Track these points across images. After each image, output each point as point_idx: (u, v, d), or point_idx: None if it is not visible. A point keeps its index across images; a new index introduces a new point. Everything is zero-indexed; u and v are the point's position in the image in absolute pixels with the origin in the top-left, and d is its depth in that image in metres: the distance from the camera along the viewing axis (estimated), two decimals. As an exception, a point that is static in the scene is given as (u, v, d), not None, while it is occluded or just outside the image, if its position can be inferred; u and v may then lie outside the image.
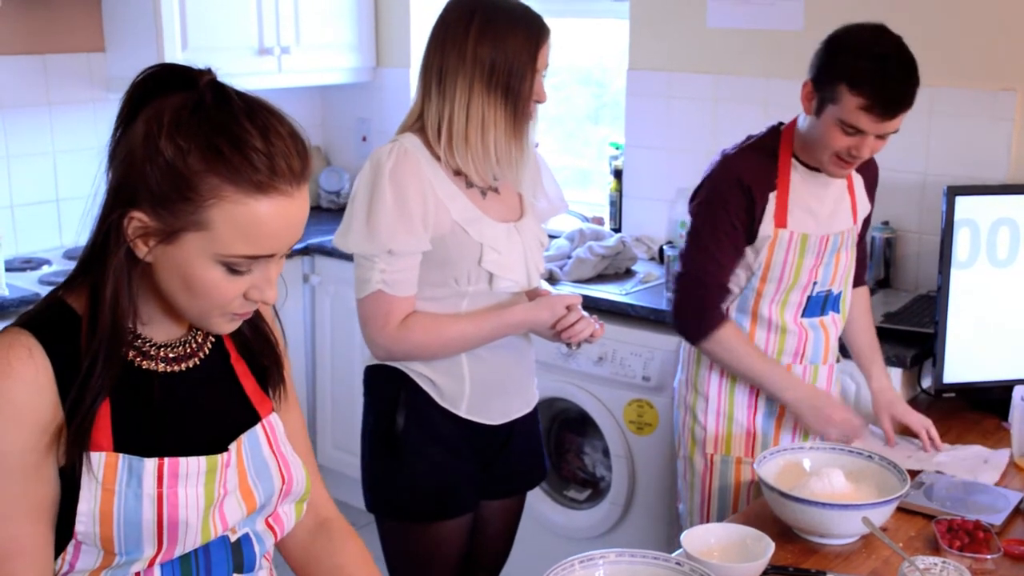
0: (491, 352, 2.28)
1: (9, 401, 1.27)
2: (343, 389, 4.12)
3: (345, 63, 4.41)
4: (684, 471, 2.58)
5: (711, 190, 2.40)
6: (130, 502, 1.31)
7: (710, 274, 2.39)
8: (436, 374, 2.26)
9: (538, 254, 2.35)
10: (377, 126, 4.60)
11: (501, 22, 2.16)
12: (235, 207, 1.25)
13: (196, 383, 1.43)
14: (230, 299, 1.32)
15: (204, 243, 1.27)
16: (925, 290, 3.23)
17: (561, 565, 1.70)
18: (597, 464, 3.49)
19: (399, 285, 2.17)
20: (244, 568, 1.44)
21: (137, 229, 1.28)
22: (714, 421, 2.50)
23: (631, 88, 3.85)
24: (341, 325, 4.03)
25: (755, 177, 2.36)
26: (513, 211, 2.31)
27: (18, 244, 3.82)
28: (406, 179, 2.13)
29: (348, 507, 4.07)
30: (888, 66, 2.19)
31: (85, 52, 3.94)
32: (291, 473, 1.48)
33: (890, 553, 1.97)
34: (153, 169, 1.25)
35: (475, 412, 2.29)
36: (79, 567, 1.34)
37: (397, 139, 2.20)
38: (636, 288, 3.41)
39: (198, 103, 1.26)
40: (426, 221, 2.15)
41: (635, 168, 3.88)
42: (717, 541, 1.91)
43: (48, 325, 1.33)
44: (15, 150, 3.81)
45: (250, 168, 1.24)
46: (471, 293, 2.24)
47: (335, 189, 4.61)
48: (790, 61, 3.45)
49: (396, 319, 2.19)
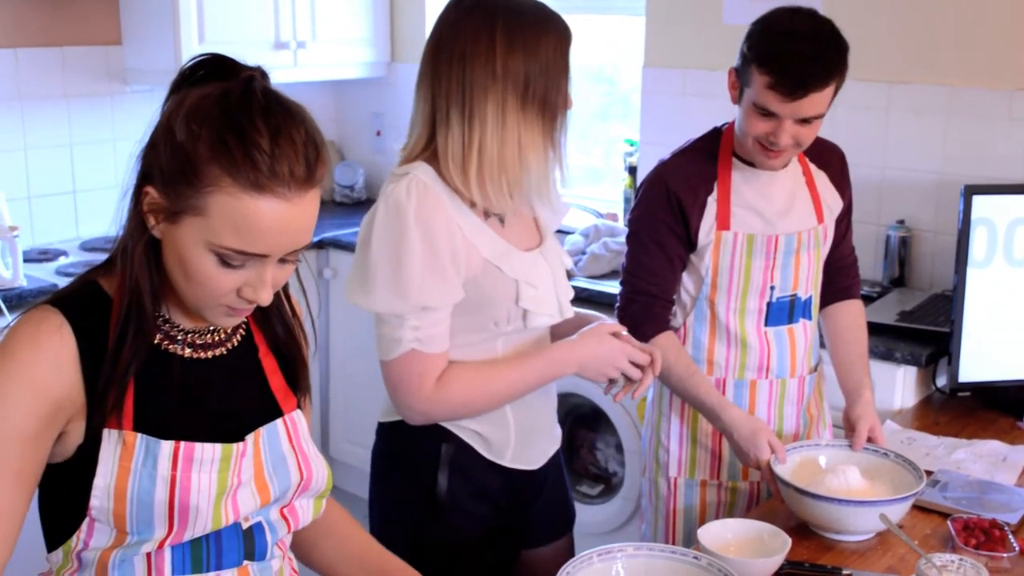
0: (532, 393, 2.07)
1: (29, 371, 1.30)
2: (356, 383, 4.14)
3: (360, 58, 4.42)
4: (648, 492, 2.48)
5: (640, 199, 2.33)
6: (144, 482, 1.33)
7: (642, 284, 2.29)
8: (481, 426, 2.03)
9: (565, 280, 2.11)
10: (391, 121, 4.61)
11: (529, 27, 1.88)
12: (230, 200, 1.26)
13: (221, 373, 1.44)
14: (223, 292, 1.32)
15: (199, 229, 1.28)
16: (940, 289, 3.23)
17: (580, 558, 1.71)
18: (609, 460, 3.50)
19: (434, 341, 1.91)
20: (255, 556, 1.45)
21: (150, 204, 1.32)
22: (677, 444, 2.40)
23: (647, 85, 3.85)
24: (354, 319, 4.04)
25: (686, 182, 2.27)
26: (533, 236, 2.07)
27: (35, 235, 3.83)
28: (433, 221, 1.86)
29: (359, 500, 4.08)
30: (797, 44, 2.09)
31: (102, 45, 3.95)
32: (311, 470, 1.48)
33: (906, 550, 1.97)
34: (166, 148, 1.29)
35: (519, 460, 2.08)
36: (93, 544, 1.36)
37: (408, 172, 1.90)
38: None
39: (223, 94, 1.29)
40: (457, 266, 1.89)
41: (650, 165, 3.85)
42: (734, 536, 1.91)
43: (79, 305, 1.36)
44: (32, 142, 3.83)
45: (251, 166, 1.25)
46: (507, 333, 2.00)
47: (349, 183, 4.62)
48: (806, 59, 3.45)
49: (432, 378, 1.92)
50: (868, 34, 3.30)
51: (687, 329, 2.35)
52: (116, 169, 3.93)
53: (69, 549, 1.36)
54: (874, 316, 2.99)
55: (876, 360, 2.84)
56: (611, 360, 2.00)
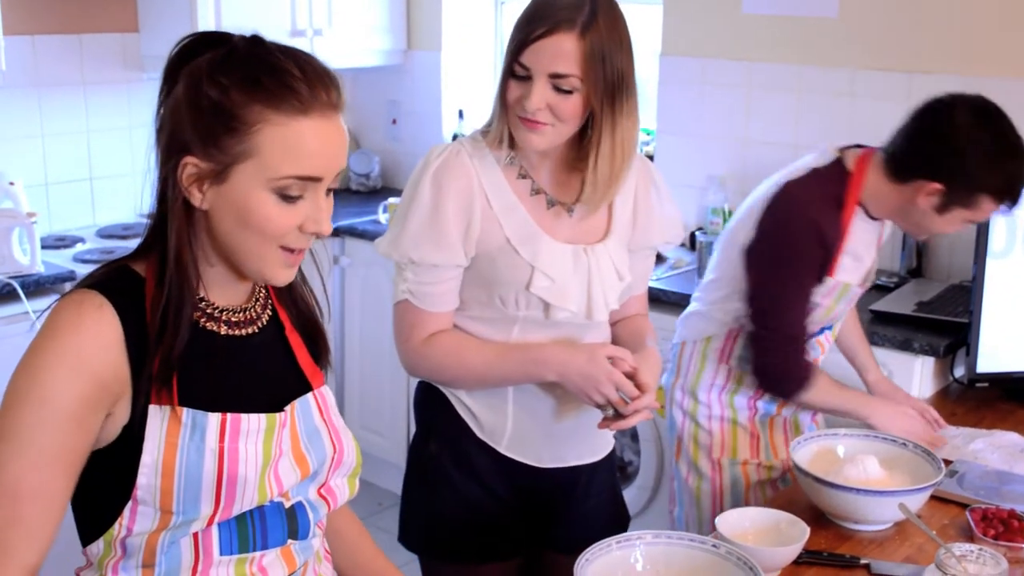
0: (544, 390, 2.04)
1: (75, 353, 1.30)
2: (372, 370, 4.14)
3: (377, 45, 4.42)
4: (686, 474, 2.53)
5: (791, 245, 2.29)
6: (192, 456, 1.33)
7: (799, 328, 2.32)
8: (477, 405, 2.05)
9: (611, 285, 2.02)
10: (407, 109, 4.61)
11: (620, 11, 1.91)
12: (279, 129, 1.31)
13: (254, 350, 1.46)
14: (285, 231, 1.35)
15: (254, 172, 1.31)
16: (958, 280, 3.22)
17: (599, 546, 1.71)
18: (625, 448, 3.50)
19: (428, 299, 1.96)
20: (299, 534, 1.47)
21: (190, 176, 1.33)
22: (718, 425, 2.48)
23: (663, 74, 3.84)
24: (370, 307, 4.04)
25: (830, 235, 2.29)
26: (590, 232, 2.02)
27: (52, 222, 3.84)
28: (448, 183, 1.91)
29: (374, 487, 4.10)
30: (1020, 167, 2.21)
31: (119, 32, 3.96)
32: (342, 443, 1.50)
33: (924, 540, 1.97)
34: (198, 112, 1.31)
35: (518, 451, 2.06)
36: (137, 529, 1.36)
37: (461, 139, 1.98)
38: (667, 274, 3.41)
39: (232, 50, 1.33)
40: (465, 233, 1.93)
41: (666, 154, 3.88)
42: (752, 524, 1.91)
43: (115, 287, 1.36)
44: (50, 129, 3.84)
45: (290, 92, 1.31)
46: (522, 319, 1.99)
47: (364, 171, 4.62)
48: (825, 49, 3.44)
49: (421, 334, 1.98)
50: (886, 22, 3.28)
51: (734, 344, 2.44)
52: (133, 156, 3.95)
53: (111, 537, 1.36)
54: (892, 306, 2.99)
55: (894, 350, 2.84)
56: (595, 383, 1.91)
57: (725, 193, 3.69)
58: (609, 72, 1.86)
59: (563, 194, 1.99)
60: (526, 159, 1.97)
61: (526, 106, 1.86)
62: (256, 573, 1.43)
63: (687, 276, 3.38)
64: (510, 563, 2.17)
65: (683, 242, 3.62)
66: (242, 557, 1.41)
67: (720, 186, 3.70)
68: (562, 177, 1.99)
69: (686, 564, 1.74)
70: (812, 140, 3.47)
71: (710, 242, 3.29)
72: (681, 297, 3.21)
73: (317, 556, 1.55)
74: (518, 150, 1.95)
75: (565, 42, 1.83)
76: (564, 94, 1.86)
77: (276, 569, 1.45)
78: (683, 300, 3.18)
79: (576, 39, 1.83)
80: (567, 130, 1.90)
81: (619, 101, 1.88)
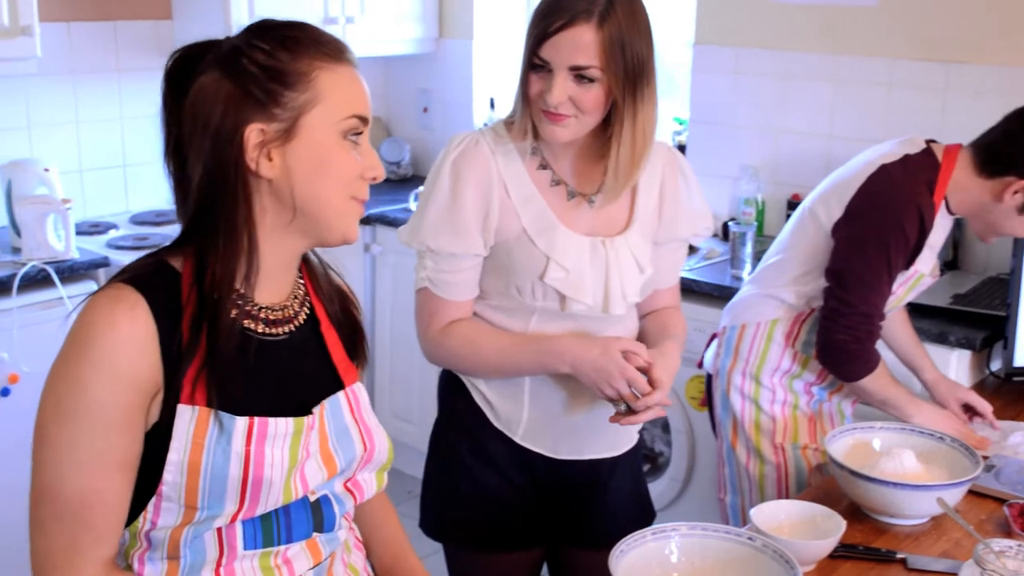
0: (560, 382, 2.03)
1: (111, 355, 1.29)
2: (402, 358, 4.15)
3: (408, 34, 4.41)
4: (746, 462, 2.53)
5: (888, 225, 2.29)
6: (218, 458, 1.33)
7: (877, 311, 2.33)
8: (494, 394, 2.05)
9: (630, 278, 1.99)
10: (439, 97, 4.60)
11: None
12: (332, 73, 1.37)
13: (289, 349, 1.45)
14: (356, 176, 1.39)
15: (323, 116, 1.36)
16: (995, 272, 3.19)
17: (633, 537, 1.70)
18: (656, 439, 3.49)
19: (446, 287, 1.98)
20: (324, 527, 1.46)
21: (255, 145, 1.34)
22: (780, 409, 2.50)
23: (697, 63, 3.82)
24: (401, 294, 4.05)
25: (928, 217, 2.30)
26: (611, 224, 2.00)
27: (86, 208, 3.87)
28: (467, 172, 1.93)
29: (403, 475, 4.10)
30: None
31: (153, 20, 3.97)
32: (373, 442, 1.49)
33: (961, 535, 1.95)
34: (250, 80, 1.34)
35: (535, 441, 2.06)
36: (161, 524, 1.36)
37: (483, 129, 2.00)
38: (700, 264, 3.39)
39: (252, 27, 1.39)
40: (483, 223, 1.94)
41: (699, 144, 3.85)
42: (787, 517, 1.90)
43: (150, 281, 1.35)
44: (84, 116, 3.86)
45: (324, 43, 1.38)
46: (539, 310, 1.99)
47: (396, 160, 4.61)
48: (862, 39, 3.41)
49: (440, 322, 2.00)
50: (925, 11, 3.25)
51: (800, 328, 2.46)
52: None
53: (136, 529, 1.37)
54: (928, 299, 2.96)
55: (929, 343, 2.82)
56: (607, 376, 1.90)
57: (758, 183, 3.67)
58: (629, 60, 1.85)
59: (584, 185, 1.98)
60: (548, 150, 1.97)
61: (548, 100, 1.86)
62: (281, 565, 1.42)
63: (720, 267, 3.37)
64: (529, 554, 2.17)
65: (715, 232, 3.65)
66: (267, 551, 1.41)
67: (753, 176, 3.68)
68: (583, 167, 1.98)
69: (721, 556, 1.73)
70: (847, 130, 3.46)
71: (743, 232, 3.28)
72: (714, 287, 3.20)
73: (346, 546, 1.55)
74: (540, 141, 1.95)
75: (584, 34, 1.83)
76: (585, 85, 1.85)
77: (301, 561, 1.44)
78: (716, 290, 3.19)
79: (594, 30, 1.83)
80: (590, 121, 1.90)
81: (640, 88, 1.88)
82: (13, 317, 3.08)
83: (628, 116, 1.88)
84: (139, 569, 1.39)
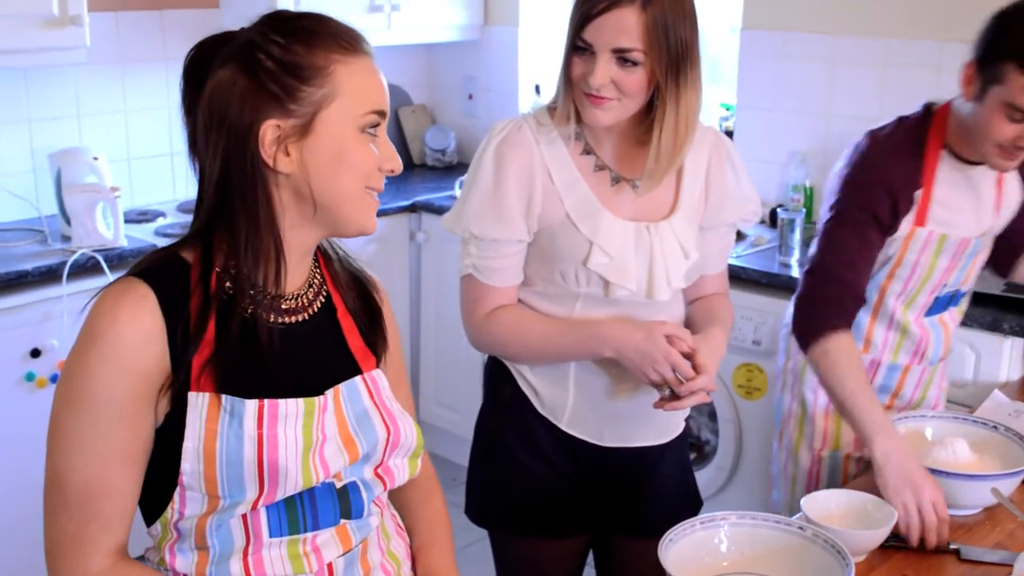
0: (604, 367, 2.01)
1: (116, 347, 1.31)
2: (447, 346, 4.15)
3: (453, 21, 4.40)
4: (786, 462, 2.47)
5: (848, 185, 2.19)
6: (232, 442, 1.34)
7: (848, 273, 2.17)
8: (538, 380, 2.05)
9: (674, 264, 1.97)
10: (484, 84, 4.59)
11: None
12: (348, 67, 1.36)
13: (302, 336, 1.45)
14: (372, 168, 1.39)
15: (340, 111, 1.35)
16: (1049, 259, 3.13)
17: (682, 526, 1.69)
18: (702, 428, 3.47)
19: (490, 273, 1.98)
20: (352, 514, 1.46)
21: (273, 141, 1.34)
22: (823, 416, 2.38)
23: (744, 48, 3.78)
24: (446, 282, 4.05)
25: (902, 180, 2.17)
26: (655, 209, 1.98)
27: (134, 196, 3.90)
28: (510, 158, 1.92)
29: (449, 463, 4.11)
30: None
31: (200, 8, 4.00)
32: (397, 426, 1.48)
33: (1015, 526, 1.92)
34: (266, 76, 1.34)
35: (579, 428, 2.05)
36: (188, 514, 1.37)
37: (525, 115, 1.99)
38: (747, 251, 3.36)
39: (267, 21, 1.38)
40: (527, 208, 1.94)
41: (747, 130, 3.82)
42: (838, 507, 1.88)
43: (161, 273, 1.36)
44: (133, 104, 3.89)
45: (340, 36, 1.37)
46: (584, 295, 1.98)
47: (441, 147, 4.62)
48: (911, 22, 3.36)
49: (484, 308, 2.00)
50: None
51: (846, 328, 2.28)
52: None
53: (166, 521, 1.38)
54: (980, 286, 2.90)
55: (982, 331, 2.78)
56: (651, 361, 1.89)
57: (806, 169, 3.63)
58: (673, 43, 1.83)
59: (627, 170, 1.97)
60: (591, 134, 1.96)
61: (590, 82, 1.84)
62: (310, 553, 1.43)
63: (768, 253, 3.34)
64: (575, 540, 2.17)
65: (763, 219, 3.62)
66: (294, 538, 1.41)
67: (801, 162, 3.64)
68: (626, 152, 1.97)
69: (771, 545, 1.72)
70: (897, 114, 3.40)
71: (791, 219, 3.25)
72: (762, 274, 3.18)
73: (384, 533, 1.54)
74: (583, 126, 1.94)
75: (627, 16, 1.81)
76: (628, 68, 1.83)
77: (331, 548, 1.44)
78: (764, 277, 3.16)
79: (638, 12, 1.81)
80: (633, 105, 1.88)
81: (683, 72, 1.86)
82: (63, 304, 3.12)
83: (671, 100, 1.86)
84: (171, 560, 1.41)
